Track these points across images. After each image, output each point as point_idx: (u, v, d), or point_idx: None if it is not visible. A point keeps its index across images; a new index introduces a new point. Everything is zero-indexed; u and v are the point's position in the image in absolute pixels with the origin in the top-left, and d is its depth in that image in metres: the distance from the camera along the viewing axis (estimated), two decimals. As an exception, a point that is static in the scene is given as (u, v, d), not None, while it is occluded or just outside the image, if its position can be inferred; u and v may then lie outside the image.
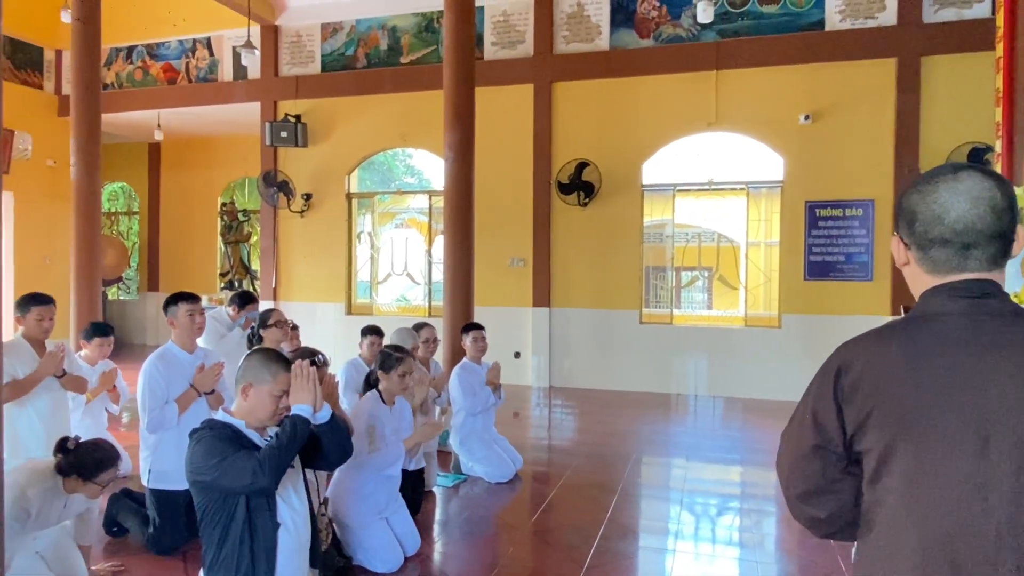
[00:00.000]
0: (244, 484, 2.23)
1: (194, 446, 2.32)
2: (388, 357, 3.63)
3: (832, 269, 7.93)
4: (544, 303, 8.78)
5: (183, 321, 3.64)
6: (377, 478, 3.48)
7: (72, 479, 2.91)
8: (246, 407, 2.43)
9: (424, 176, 16.67)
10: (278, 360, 2.45)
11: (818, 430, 1.20)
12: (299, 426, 2.32)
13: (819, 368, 1.26)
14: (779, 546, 3.87)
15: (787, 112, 7.96)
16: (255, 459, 2.22)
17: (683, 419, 7.17)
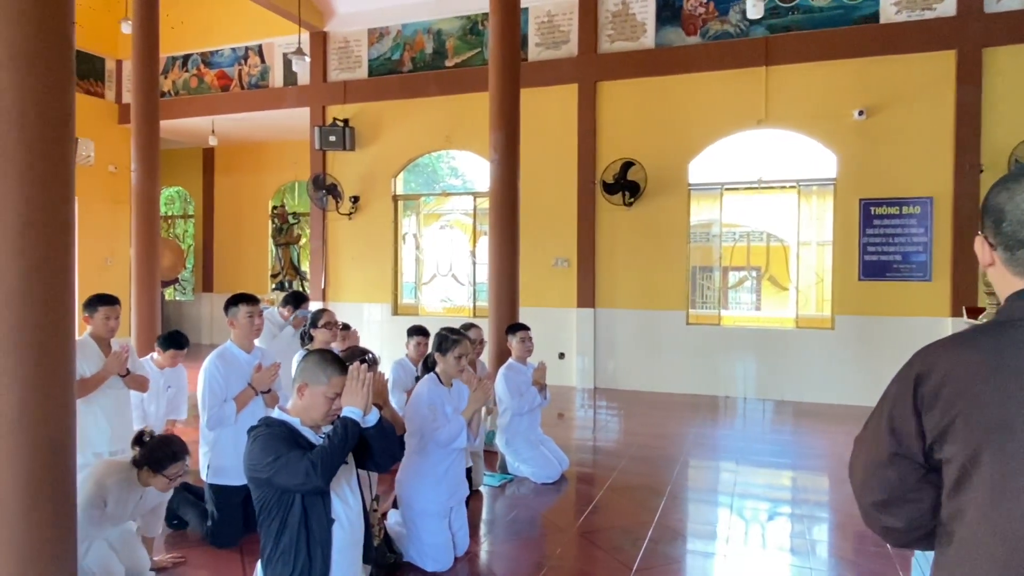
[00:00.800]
0: (297, 483, 2.30)
1: (251, 443, 2.40)
2: (445, 339, 3.68)
3: (888, 269, 7.69)
4: (588, 304, 8.75)
5: (242, 322, 3.75)
6: (447, 459, 3.52)
7: (144, 471, 3.06)
8: (301, 406, 2.49)
9: (467, 178, 16.79)
10: (334, 363, 2.51)
11: (896, 438, 1.16)
12: (350, 428, 2.38)
13: (896, 373, 1.22)
14: (832, 553, 3.78)
15: (840, 108, 7.76)
16: (308, 460, 2.28)
17: (731, 422, 7.05)
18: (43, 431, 2.10)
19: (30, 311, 2.07)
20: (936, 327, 7.45)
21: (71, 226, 2.22)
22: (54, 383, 2.13)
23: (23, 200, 2.06)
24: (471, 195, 9.83)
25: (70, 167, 2.23)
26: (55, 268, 2.14)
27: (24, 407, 2.06)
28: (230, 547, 3.67)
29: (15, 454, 2.05)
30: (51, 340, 2.13)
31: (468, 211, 10.50)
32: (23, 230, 2.07)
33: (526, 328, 5.12)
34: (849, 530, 4.05)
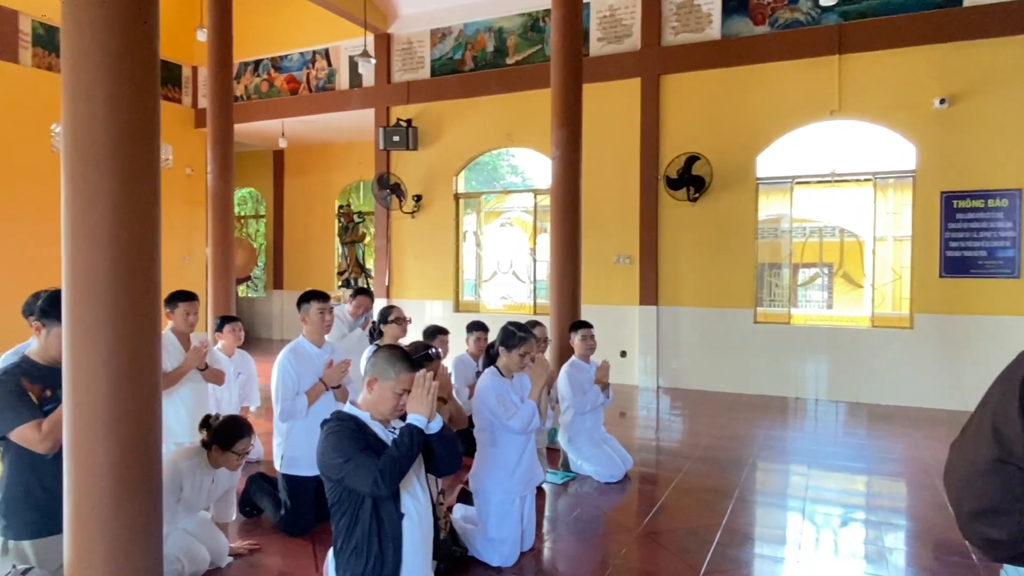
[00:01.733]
0: (365, 489, 2.36)
1: (324, 439, 2.46)
2: (512, 335, 3.66)
3: (972, 265, 7.28)
4: (651, 301, 8.63)
5: (314, 318, 3.87)
6: (519, 447, 3.55)
7: (214, 451, 3.23)
8: (370, 400, 2.55)
9: (527, 175, 16.82)
10: (403, 359, 2.56)
11: (999, 442, 1.10)
12: (415, 436, 2.42)
13: (999, 374, 1.15)
14: (910, 562, 3.60)
15: (920, 96, 7.39)
16: (376, 468, 2.33)
17: (802, 424, 6.83)
18: (133, 423, 2.21)
19: (121, 307, 2.18)
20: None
21: (158, 225, 2.33)
22: (144, 376, 2.25)
23: (114, 204, 2.17)
24: (531, 192, 9.83)
25: (157, 169, 2.34)
26: (144, 266, 2.26)
27: (115, 399, 2.18)
28: (302, 535, 3.78)
29: (107, 446, 2.17)
30: (141, 335, 2.24)
31: (528, 208, 10.51)
32: (115, 230, 2.19)
33: (589, 326, 5.09)
34: (928, 539, 3.87)
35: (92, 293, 2.16)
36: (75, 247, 2.19)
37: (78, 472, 2.20)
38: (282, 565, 3.50)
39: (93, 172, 2.16)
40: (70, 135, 2.17)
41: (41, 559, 2.62)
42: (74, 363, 2.19)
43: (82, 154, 2.14)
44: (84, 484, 2.19)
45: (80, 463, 2.20)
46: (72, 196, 2.18)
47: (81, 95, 2.13)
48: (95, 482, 2.17)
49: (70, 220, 2.21)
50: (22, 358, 2.74)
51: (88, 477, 2.18)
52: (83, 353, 2.18)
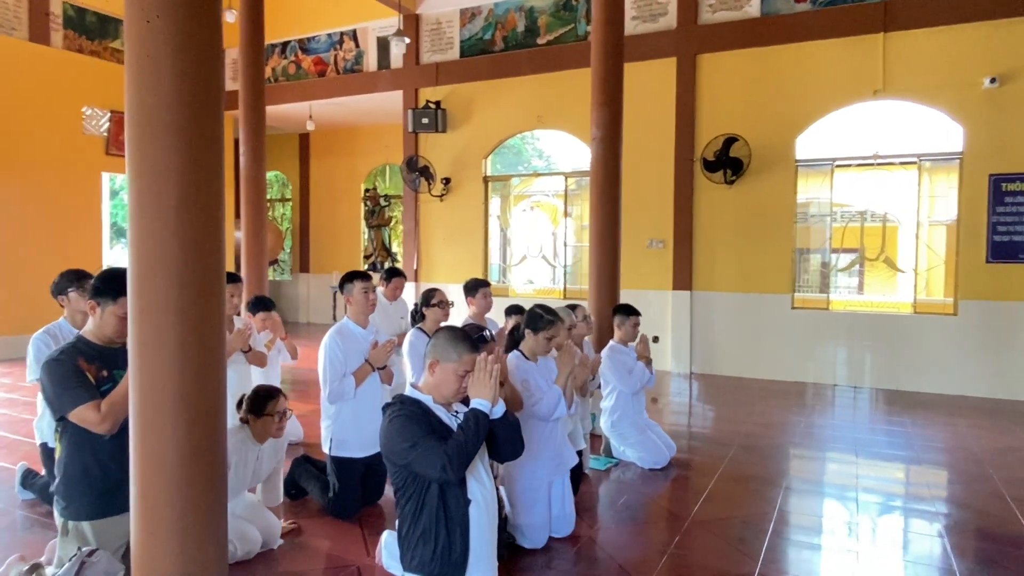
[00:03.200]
0: (433, 475, 2.30)
1: (388, 424, 2.40)
2: (539, 318, 3.58)
3: (1021, 251, 7.06)
4: (685, 286, 8.50)
5: (358, 298, 3.82)
6: (544, 430, 3.48)
7: (252, 422, 3.28)
8: (432, 382, 2.49)
9: (552, 159, 16.63)
10: (465, 340, 2.49)
11: None
12: (480, 421, 2.36)
13: None
14: (972, 554, 3.49)
15: (968, 76, 7.15)
16: (445, 454, 2.27)
17: (843, 411, 6.68)
18: (201, 403, 2.17)
19: (189, 289, 2.13)
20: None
21: (221, 206, 2.27)
22: (210, 356, 2.20)
23: (180, 181, 2.12)
24: (562, 175, 9.71)
25: (221, 147, 2.28)
26: (210, 247, 2.20)
27: (183, 377, 2.14)
28: (349, 518, 3.75)
29: (176, 425, 2.13)
30: (207, 317, 2.19)
31: (558, 192, 10.40)
32: (179, 209, 2.13)
33: (639, 314, 5.01)
34: (988, 530, 3.75)
35: (161, 271, 2.11)
36: (141, 227, 2.14)
37: (145, 451, 2.16)
38: (331, 548, 3.47)
39: (160, 151, 2.10)
40: (135, 116, 2.12)
41: (101, 540, 2.60)
42: (141, 341, 2.15)
43: (148, 135, 2.09)
44: (152, 463, 2.15)
45: (148, 442, 2.16)
46: (137, 174, 2.13)
47: (148, 78, 2.08)
48: (163, 461, 2.13)
49: (136, 199, 2.16)
50: (77, 338, 2.71)
51: (157, 456, 2.14)
52: (151, 331, 2.13)
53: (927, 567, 3.31)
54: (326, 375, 3.70)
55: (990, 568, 3.30)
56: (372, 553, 3.37)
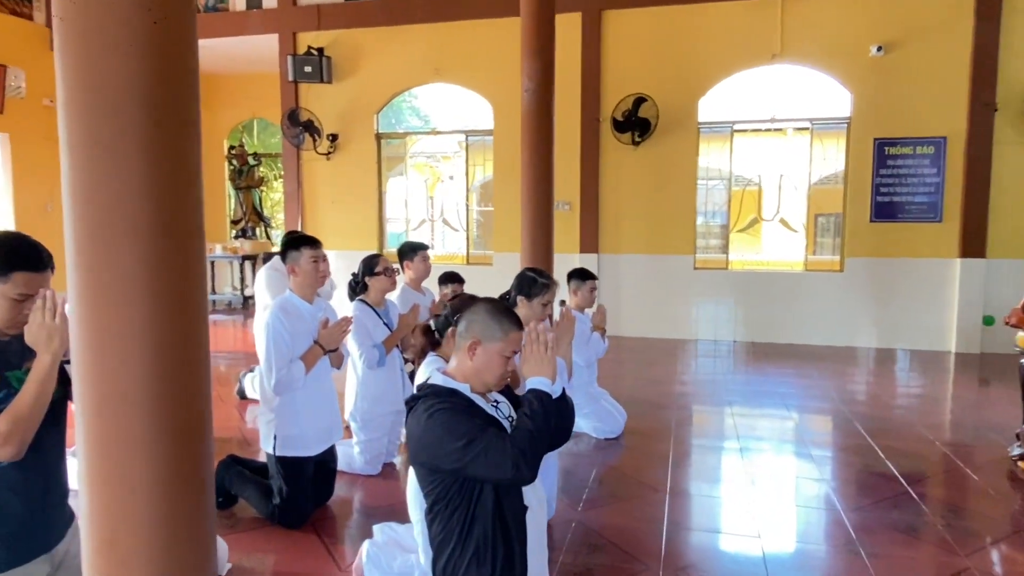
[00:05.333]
0: (501, 477, 1.86)
1: (426, 420, 1.91)
2: (533, 283, 3.30)
3: (900, 210, 7.62)
4: (592, 249, 8.39)
5: (306, 268, 3.20)
6: None
7: None
8: (471, 368, 2.03)
9: (431, 119, 15.85)
10: (509, 315, 2.05)
11: None
12: (547, 404, 1.93)
13: None
14: (848, 494, 3.63)
15: (857, 43, 7.51)
16: (515, 447, 1.83)
17: (756, 367, 6.91)
18: (181, 410, 1.57)
19: (163, 259, 1.52)
20: (945, 269, 7.49)
21: (197, 145, 1.65)
22: (193, 347, 1.60)
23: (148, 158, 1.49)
24: (463, 133, 9.18)
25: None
26: (189, 203, 1.60)
27: (155, 380, 1.53)
28: (301, 526, 3.19)
29: (150, 442, 1.53)
30: (188, 293, 1.59)
31: (446, 154, 9.90)
32: (147, 145, 1.50)
33: (595, 277, 4.75)
34: (864, 468, 3.94)
35: (120, 233, 1.48)
36: (88, 167, 1.49)
37: (100, 477, 1.54)
38: (291, 564, 2.91)
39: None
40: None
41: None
42: (91, 331, 1.51)
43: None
44: (113, 492, 1.54)
45: (104, 467, 1.54)
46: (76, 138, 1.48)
47: None
48: (131, 490, 1.53)
49: (73, 123, 1.49)
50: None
51: (121, 484, 1.53)
52: (107, 318, 1.50)
53: (804, 507, 3.37)
54: (271, 361, 3.07)
55: (867, 500, 3.43)
56: (343, 566, 2.87)
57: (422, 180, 10.94)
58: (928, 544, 3.10)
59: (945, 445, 4.46)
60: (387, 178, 9.69)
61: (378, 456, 3.88)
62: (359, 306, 3.80)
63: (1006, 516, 3.42)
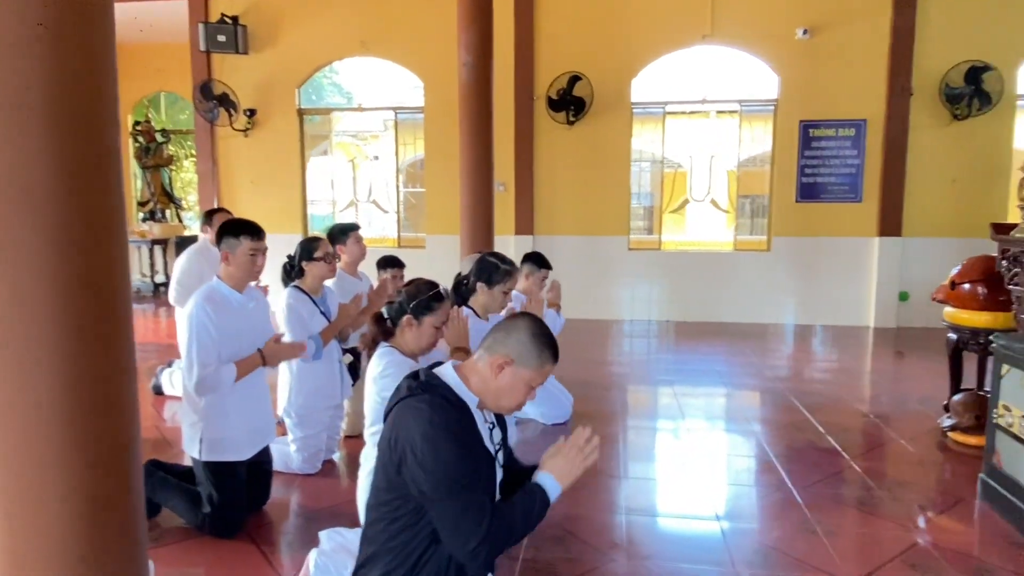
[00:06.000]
0: (455, 546, 1.70)
1: (426, 427, 1.70)
2: (495, 269, 3.14)
3: (824, 191, 7.85)
4: (527, 230, 8.26)
5: (241, 260, 2.92)
6: None
7: None
8: (493, 386, 1.82)
9: (353, 96, 15.21)
10: (551, 347, 1.85)
11: None
12: (544, 510, 1.79)
13: None
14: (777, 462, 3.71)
15: (784, 26, 7.63)
16: (486, 531, 1.66)
17: (690, 346, 6.98)
18: (104, 433, 1.31)
19: (74, 252, 1.24)
20: (864, 247, 7.79)
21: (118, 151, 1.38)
22: (115, 358, 1.33)
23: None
24: (391, 110, 8.80)
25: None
26: (106, 180, 1.32)
27: (70, 398, 1.26)
28: (235, 535, 2.91)
29: (64, 468, 1.26)
30: (108, 294, 1.31)
31: (373, 132, 9.52)
32: (49, 112, 1.22)
33: (550, 268, 4.61)
34: (796, 436, 4.04)
35: (17, 215, 1.19)
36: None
37: (7, 512, 1.27)
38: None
39: None
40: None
41: None
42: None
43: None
44: (21, 534, 1.27)
45: (9, 497, 1.27)
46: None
47: None
48: (44, 528, 1.26)
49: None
50: None
51: (28, 524, 1.26)
52: (8, 322, 1.21)
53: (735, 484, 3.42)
54: (191, 357, 2.76)
55: (815, 477, 3.51)
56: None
57: (347, 160, 10.49)
58: (879, 519, 3.14)
59: (879, 418, 4.60)
60: (310, 157, 9.21)
61: (316, 454, 3.62)
62: (294, 293, 3.50)
63: (946, 487, 3.53)
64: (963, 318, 4.33)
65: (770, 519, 3.17)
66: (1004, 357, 3.16)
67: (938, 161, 7.56)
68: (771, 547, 2.86)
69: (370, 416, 2.62)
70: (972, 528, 3.06)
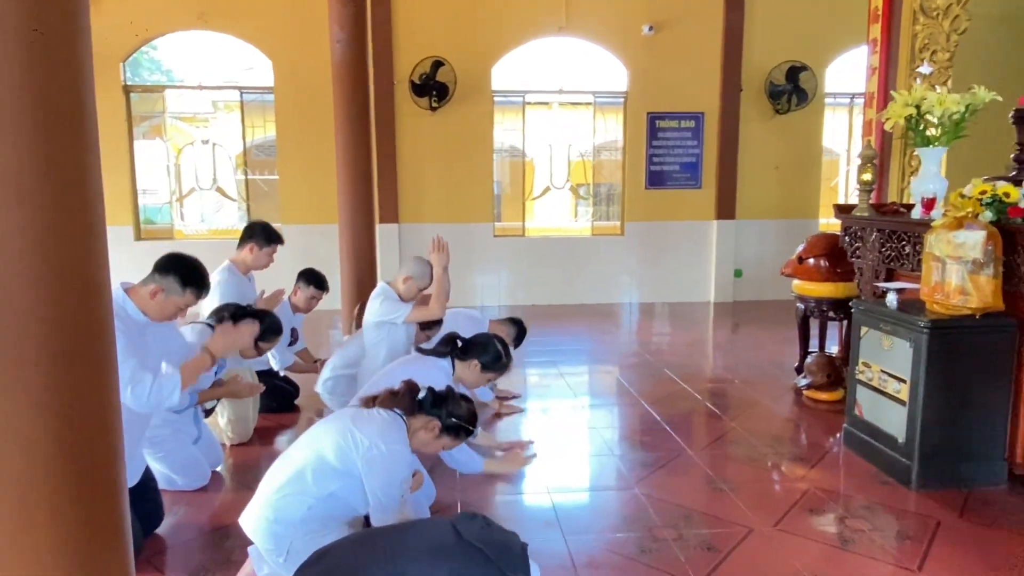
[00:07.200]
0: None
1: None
2: (499, 359, 3.19)
3: (669, 178, 8.46)
4: (392, 219, 8.06)
5: (166, 307, 2.62)
6: None
7: None
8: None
9: (173, 74, 13.80)
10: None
11: None
12: None
13: None
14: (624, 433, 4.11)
15: (631, 21, 8.08)
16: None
17: (560, 327, 7.21)
18: (87, 450, 1.08)
19: (51, 249, 1.02)
20: (705, 229, 8.52)
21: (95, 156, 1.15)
22: (95, 369, 1.10)
23: None
24: (236, 89, 8.10)
25: None
26: (80, 171, 1.09)
27: (50, 418, 1.03)
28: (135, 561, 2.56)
29: (49, 492, 1.04)
30: (88, 292, 1.09)
31: (212, 112, 8.75)
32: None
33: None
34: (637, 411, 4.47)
35: None
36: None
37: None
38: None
39: None
40: None
41: None
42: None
43: None
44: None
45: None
46: None
47: None
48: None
49: None
50: None
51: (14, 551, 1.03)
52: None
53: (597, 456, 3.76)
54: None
55: (708, 439, 3.91)
56: None
57: (187, 144, 9.49)
58: (770, 472, 3.48)
59: (743, 383, 5.07)
60: (169, 138, 8.27)
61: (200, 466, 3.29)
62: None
63: (814, 438, 3.98)
64: (809, 289, 4.90)
65: (681, 482, 3.38)
66: (862, 320, 3.61)
67: (764, 151, 8.45)
68: (689, 508, 3.06)
69: None
70: (844, 471, 3.49)
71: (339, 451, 2.23)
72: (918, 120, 3.83)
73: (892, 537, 2.79)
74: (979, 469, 3.21)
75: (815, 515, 2.99)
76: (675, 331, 7.18)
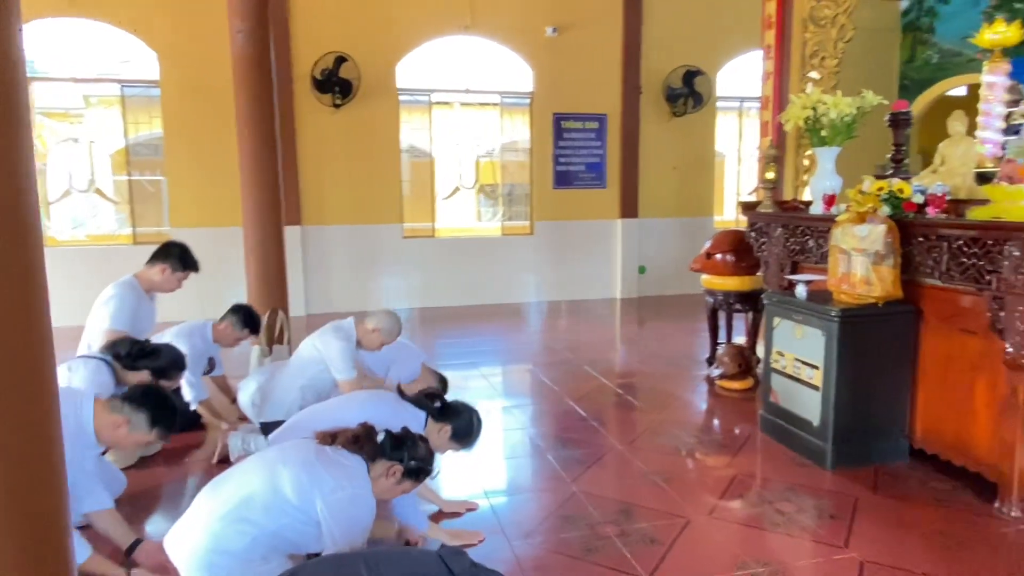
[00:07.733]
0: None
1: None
2: (470, 433, 2.90)
3: (575, 178, 8.61)
4: (295, 220, 7.69)
5: None
6: None
7: None
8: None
9: (35, 66, 12.57)
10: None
11: None
12: None
13: None
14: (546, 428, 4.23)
15: (536, 23, 8.15)
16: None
17: (475, 327, 7.16)
18: (30, 492, 0.92)
19: None
20: (610, 227, 8.74)
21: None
22: (35, 402, 0.94)
23: None
24: (117, 83, 7.44)
25: None
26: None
27: None
28: None
29: None
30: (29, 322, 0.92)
31: (82, 107, 8.05)
32: None
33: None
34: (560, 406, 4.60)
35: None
36: None
37: None
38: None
39: None
40: None
41: None
42: None
43: None
44: None
45: None
46: None
47: None
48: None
49: None
50: None
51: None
52: None
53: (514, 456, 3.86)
54: None
55: (635, 433, 4.04)
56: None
57: (61, 141, 8.61)
58: (696, 461, 3.59)
59: (659, 376, 5.22)
60: (42, 135, 7.42)
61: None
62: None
63: (731, 425, 4.15)
64: (717, 283, 5.11)
65: (615, 478, 3.41)
66: (775, 311, 3.80)
67: (663, 152, 8.77)
68: (627, 503, 3.10)
69: None
70: (764, 456, 3.66)
71: (298, 487, 2.07)
72: (815, 121, 4.09)
73: (817, 516, 2.94)
74: (886, 447, 3.45)
75: (744, 501, 3.11)
76: (588, 328, 7.30)
